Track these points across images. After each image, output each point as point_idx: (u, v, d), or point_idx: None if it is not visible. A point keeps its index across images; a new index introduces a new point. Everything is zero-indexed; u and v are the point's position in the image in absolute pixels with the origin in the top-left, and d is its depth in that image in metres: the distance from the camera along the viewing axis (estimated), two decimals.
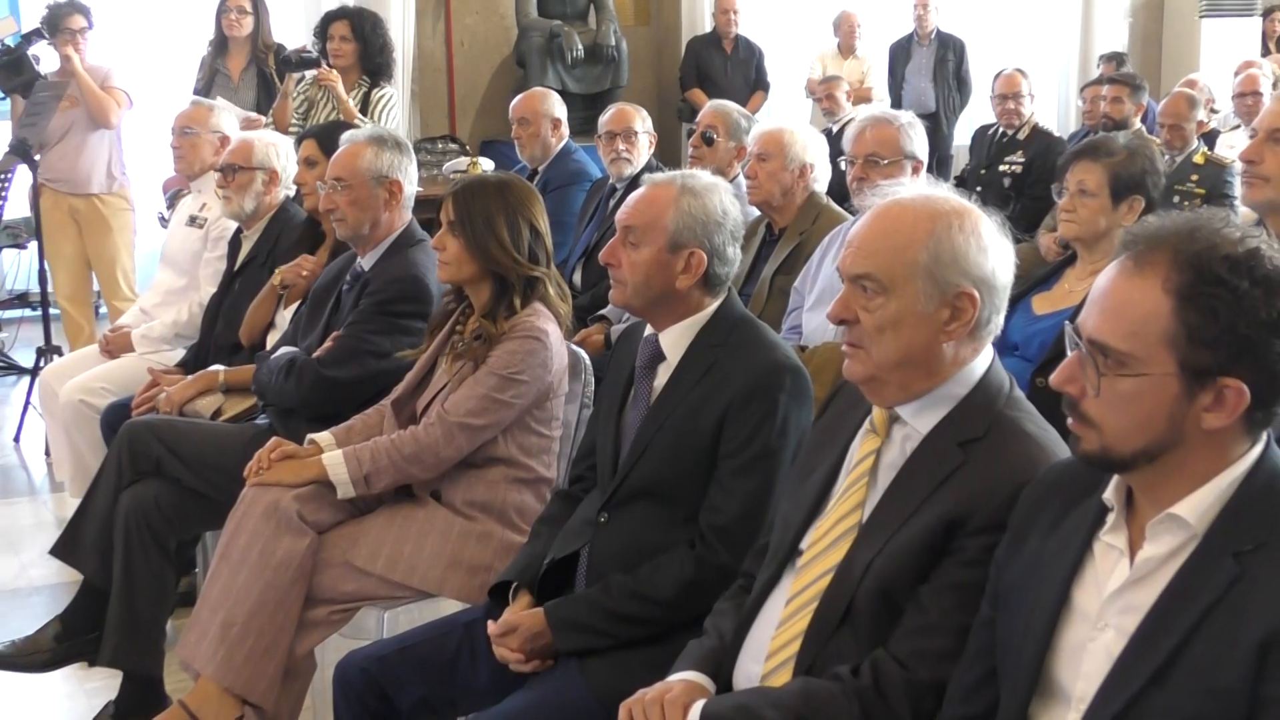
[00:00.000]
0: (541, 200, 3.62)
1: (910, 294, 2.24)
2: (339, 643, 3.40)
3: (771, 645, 2.34)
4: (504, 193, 3.51)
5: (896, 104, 10.13)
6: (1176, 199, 6.20)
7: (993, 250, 2.27)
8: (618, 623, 2.79)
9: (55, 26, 6.88)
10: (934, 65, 10.56)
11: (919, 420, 2.31)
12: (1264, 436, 1.86)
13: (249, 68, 7.33)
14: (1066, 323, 1.91)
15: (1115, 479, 1.92)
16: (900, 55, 10.71)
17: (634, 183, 5.22)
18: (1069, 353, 1.89)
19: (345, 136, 4.20)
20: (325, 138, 4.58)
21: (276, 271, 4.61)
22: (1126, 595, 1.86)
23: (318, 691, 3.44)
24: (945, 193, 2.37)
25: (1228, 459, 1.83)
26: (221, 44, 7.37)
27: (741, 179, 5.14)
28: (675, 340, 2.93)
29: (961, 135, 10.08)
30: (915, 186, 2.42)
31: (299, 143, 4.98)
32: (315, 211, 4.61)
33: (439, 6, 10.06)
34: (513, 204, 3.48)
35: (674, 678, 2.41)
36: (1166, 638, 1.78)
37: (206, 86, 7.27)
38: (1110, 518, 1.92)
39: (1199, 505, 1.82)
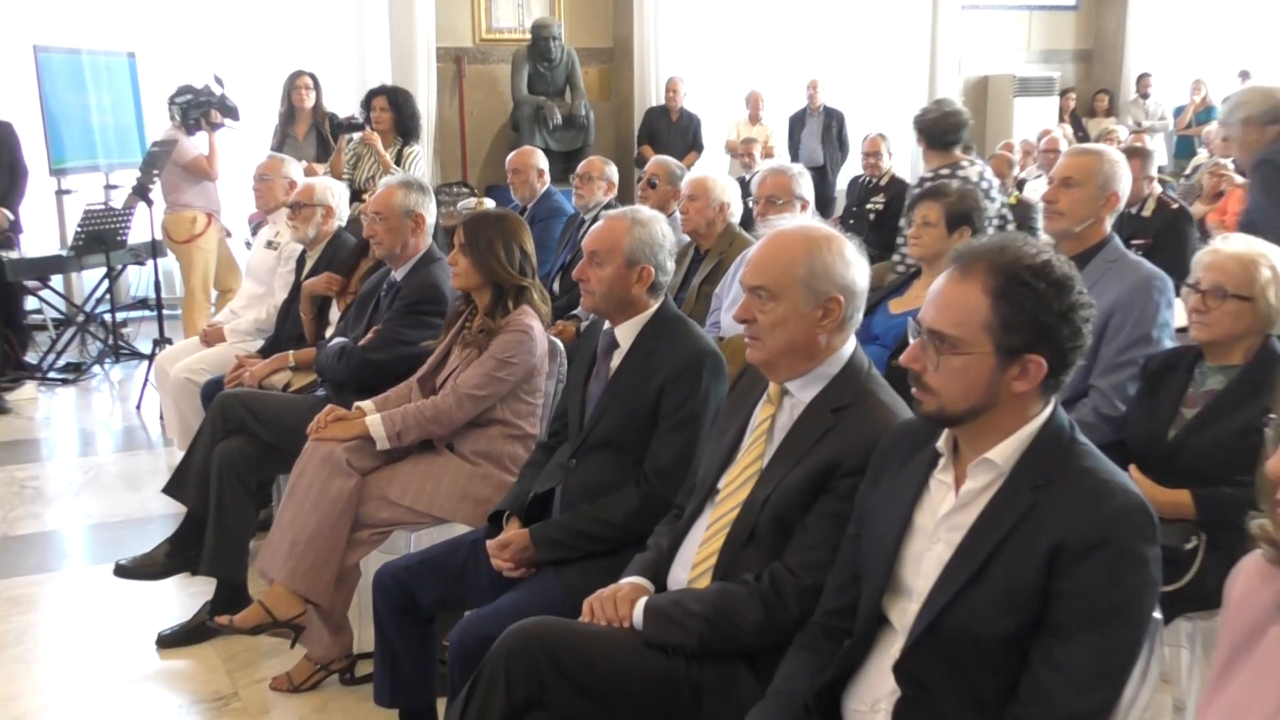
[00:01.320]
0: (529, 229, 3.60)
1: (793, 299, 2.25)
2: (377, 557, 3.39)
3: (696, 558, 2.35)
4: (501, 223, 3.50)
5: (795, 159, 10.14)
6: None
7: (853, 265, 2.28)
8: (583, 540, 2.79)
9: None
10: (822, 131, 10.55)
11: (802, 393, 2.31)
12: (1054, 400, 1.87)
13: (310, 132, 7.25)
14: (910, 318, 1.92)
15: (946, 432, 1.93)
16: (797, 123, 10.72)
17: (597, 217, 5.23)
18: (911, 340, 1.90)
19: (381, 182, 4.17)
20: None
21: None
22: (953, 518, 1.87)
23: (362, 592, 3.42)
24: (818, 223, 2.38)
25: (1028, 416, 1.85)
26: (290, 114, 7.28)
27: (678, 214, 5.14)
28: (626, 333, 2.92)
29: (843, 184, 10.08)
30: (796, 219, 2.43)
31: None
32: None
33: (454, 86, 10.00)
34: (508, 231, 3.46)
35: (624, 580, 2.41)
36: (982, 548, 1.79)
37: (279, 146, 7.20)
38: (941, 461, 1.93)
39: (1006, 451, 1.84)
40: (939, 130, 5.16)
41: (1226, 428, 2.74)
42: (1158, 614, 1.86)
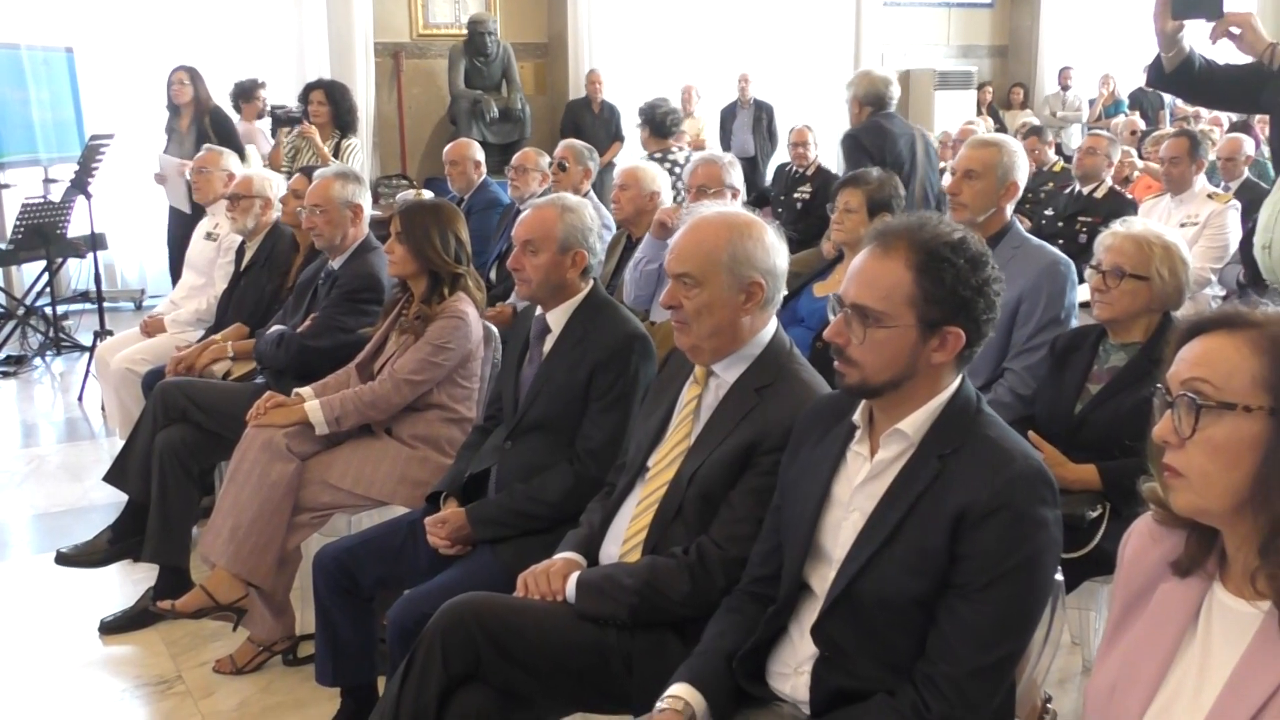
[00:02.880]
0: (464, 218, 3.58)
1: (716, 285, 2.25)
2: (318, 539, 3.36)
3: (627, 533, 2.36)
4: (437, 212, 3.48)
5: (726, 150, 10.16)
6: None
7: (773, 250, 2.29)
8: (519, 518, 2.79)
9: None
10: (752, 123, 10.60)
11: (727, 373, 2.33)
12: (963, 372, 1.90)
13: (192, 126, 6.96)
14: (831, 294, 1.93)
15: (862, 404, 1.93)
16: (729, 116, 10.76)
17: None
18: (831, 317, 1.91)
19: (317, 174, 4.13)
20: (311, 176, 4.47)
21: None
22: (867, 487, 1.89)
23: (304, 575, 3.40)
24: (738, 209, 2.39)
25: (939, 387, 1.86)
26: (174, 109, 6.94)
27: (593, 194, 5.16)
28: (558, 317, 2.92)
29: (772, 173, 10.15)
30: (716, 206, 2.42)
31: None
32: (294, 225, 4.55)
33: (392, 81, 9.92)
34: (443, 220, 3.45)
35: (557, 556, 2.42)
36: (893, 515, 1.81)
37: (167, 141, 7.00)
38: (858, 433, 1.94)
39: (916, 421, 1.85)
40: (663, 121, 6.30)
41: (1127, 402, 2.81)
42: (1059, 575, 1.90)
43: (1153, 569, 1.52)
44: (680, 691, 1.93)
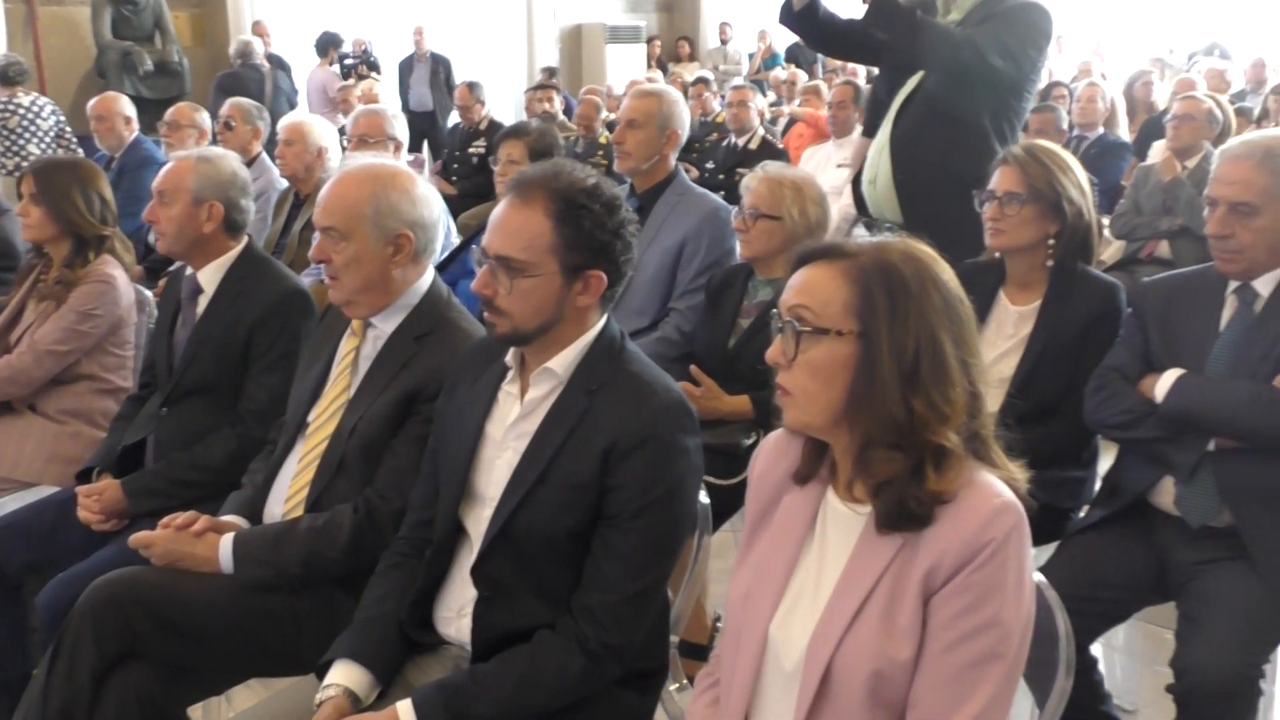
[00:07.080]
0: (105, 176, 3.35)
1: (362, 238, 2.22)
2: None
3: (289, 490, 2.30)
4: (76, 170, 3.25)
5: (405, 105, 9.96)
6: None
7: (421, 200, 2.27)
8: (180, 487, 2.65)
9: None
10: (430, 76, 10.44)
11: (385, 324, 2.29)
12: (607, 312, 1.94)
13: None
14: (474, 246, 1.94)
15: (513, 348, 1.95)
16: (406, 69, 10.56)
17: None
18: (477, 268, 1.90)
19: None
20: None
21: None
22: (519, 425, 1.91)
23: None
24: (386, 161, 2.36)
25: (586, 328, 1.90)
26: None
27: (265, 156, 4.95)
28: (210, 276, 2.80)
29: None
30: (364, 158, 2.37)
31: None
32: None
33: (27, 30, 9.07)
34: (84, 178, 3.23)
35: (219, 518, 2.32)
36: (545, 452, 1.85)
37: None
38: (510, 374, 1.96)
39: (564, 360, 1.89)
40: (4, 71, 7.30)
41: (773, 334, 2.98)
42: (705, 499, 2.01)
43: (778, 482, 1.64)
44: (337, 677, 1.89)
